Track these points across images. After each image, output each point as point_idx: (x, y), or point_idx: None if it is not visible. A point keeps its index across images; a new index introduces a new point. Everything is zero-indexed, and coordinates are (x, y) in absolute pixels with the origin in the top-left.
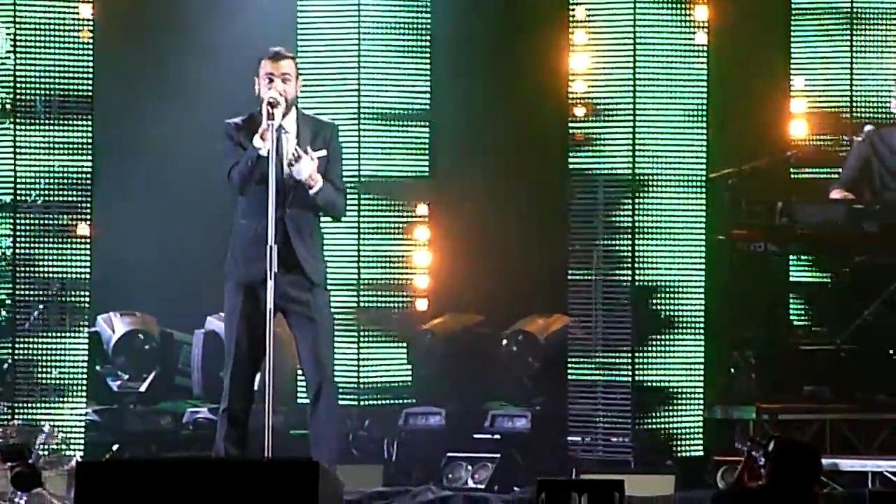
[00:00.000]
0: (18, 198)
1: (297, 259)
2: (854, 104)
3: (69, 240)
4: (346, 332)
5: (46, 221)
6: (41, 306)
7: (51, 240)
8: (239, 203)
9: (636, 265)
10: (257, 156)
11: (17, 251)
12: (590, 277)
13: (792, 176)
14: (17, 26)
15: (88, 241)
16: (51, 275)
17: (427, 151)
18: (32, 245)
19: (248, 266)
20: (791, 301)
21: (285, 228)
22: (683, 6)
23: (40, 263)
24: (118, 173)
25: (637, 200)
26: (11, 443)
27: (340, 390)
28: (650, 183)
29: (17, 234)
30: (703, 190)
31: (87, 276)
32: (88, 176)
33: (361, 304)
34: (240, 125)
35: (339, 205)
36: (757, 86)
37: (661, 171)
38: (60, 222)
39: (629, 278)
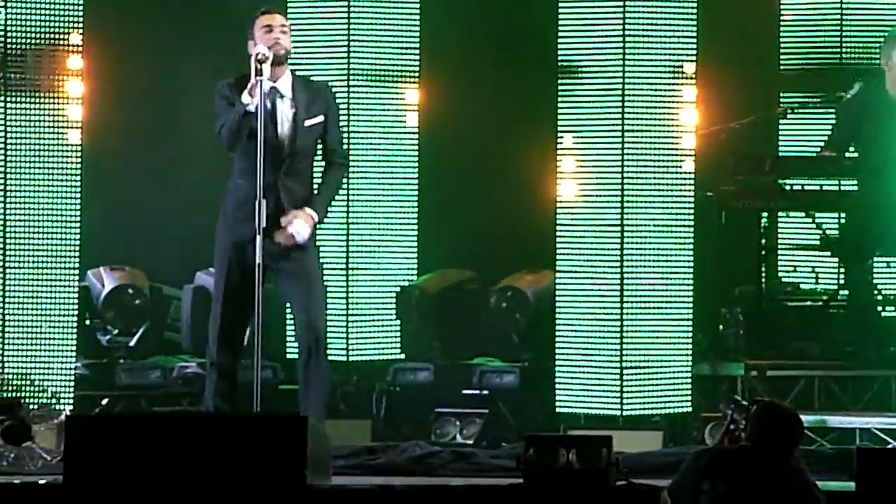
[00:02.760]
0: (9, 157)
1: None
2: (844, 60)
3: (59, 194)
4: (334, 288)
5: (36, 176)
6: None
7: (41, 195)
8: (235, 162)
9: (624, 222)
10: (244, 111)
11: (7, 207)
12: (578, 233)
13: (780, 133)
14: None
15: (78, 195)
16: (41, 230)
17: (415, 110)
18: (22, 200)
19: (240, 225)
20: (779, 257)
21: (277, 193)
22: None
23: (30, 219)
24: (110, 129)
25: (625, 156)
26: (1, 396)
27: (329, 345)
28: (639, 139)
29: (7, 189)
30: (692, 146)
31: (77, 230)
32: (77, 129)
33: (351, 262)
34: (232, 84)
35: (336, 185)
36: (746, 42)
37: (650, 127)
38: (51, 176)
39: (618, 234)
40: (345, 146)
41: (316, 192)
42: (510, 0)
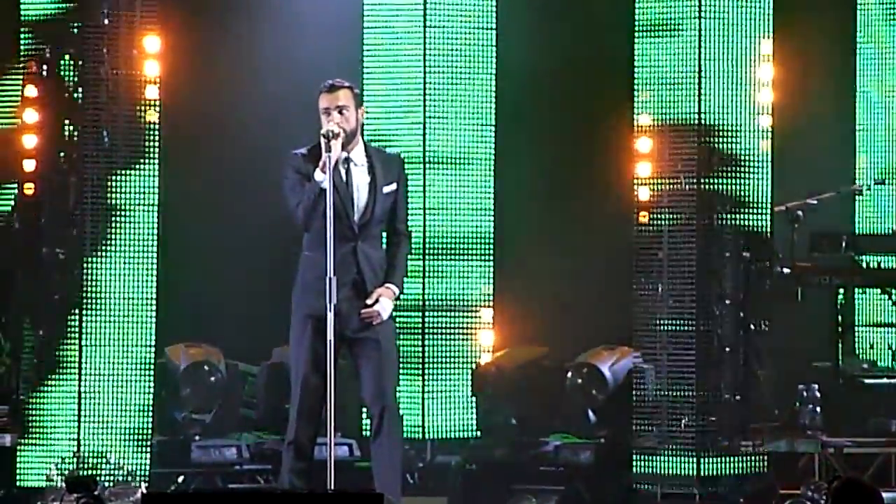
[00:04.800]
0: (87, 234)
1: (368, 290)
2: None
3: (135, 271)
4: (411, 365)
5: (113, 251)
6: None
7: (117, 271)
8: (306, 236)
9: (700, 297)
10: (319, 189)
11: (84, 283)
12: (654, 311)
13: (857, 210)
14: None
15: (155, 273)
16: (118, 307)
17: (491, 187)
18: (99, 277)
19: (319, 298)
20: (856, 334)
21: (357, 260)
22: (750, 40)
23: (107, 296)
24: (185, 204)
25: (700, 232)
26: (77, 474)
27: (405, 422)
28: (713, 214)
29: (85, 264)
30: (768, 223)
31: (154, 307)
32: (154, 207)
33: (426, 339)
34: (304, 155)
35: (406, 258)
36: (822, 118)
37: (725, 202)
38: (127, 253)
39: (693, 310)
40: (410, 230)
41: (389, 265)
42: (587, 71)
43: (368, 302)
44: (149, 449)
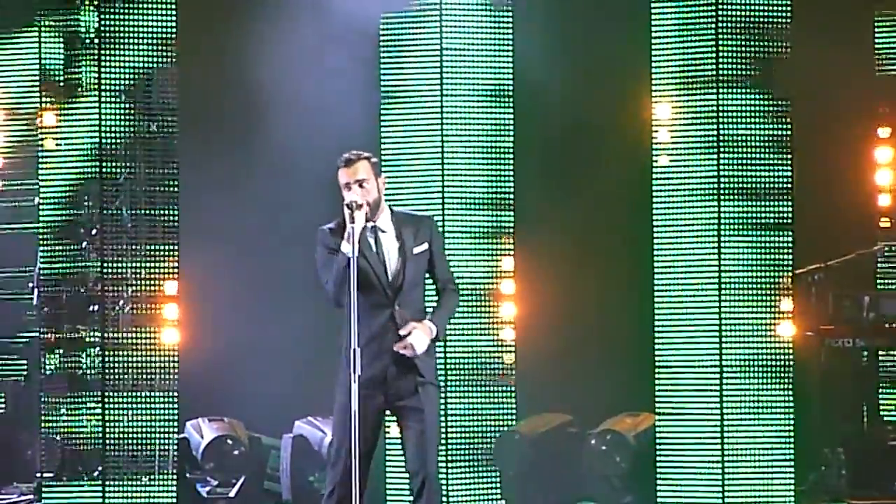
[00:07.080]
0: (106, 305)
1: (412, 357)
2: None
3: (157, 346)
4: None
5: (134, 327)
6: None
7: (139, 346)
8: (346, 307)
9: (724, 363)
10: (347, 260)
11: (106, 358)
12: (677, 376)
13: (879, 270)
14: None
15: (176, 346)
16: (139, 381)
17: (511, 250)
18: (120, 352)
19: (362, 368)
20: (881, 396)
21: (396, 325)
22: (767, 98)
23: (129, 370)
24: (206, 275)
25: (723, 298)
26: None
27: None
28: (736, 281)
29: (105, 340)
30: (790, 286)
31: (176, 382)
32: (175, 282)
33: (448, 408)
34: (333, 229)
35: (452, 306)
36: (844, 179)
37: (747, 268)
38: (148, 328)
39: (717, 376)
40: (454, 275)
41: (435, 306)
42: (602, 124)
43: (402, 333)
44: None
